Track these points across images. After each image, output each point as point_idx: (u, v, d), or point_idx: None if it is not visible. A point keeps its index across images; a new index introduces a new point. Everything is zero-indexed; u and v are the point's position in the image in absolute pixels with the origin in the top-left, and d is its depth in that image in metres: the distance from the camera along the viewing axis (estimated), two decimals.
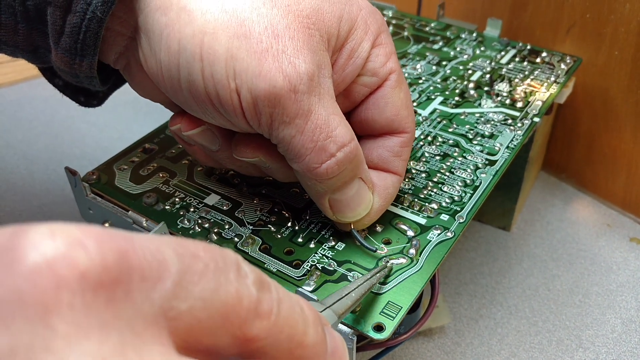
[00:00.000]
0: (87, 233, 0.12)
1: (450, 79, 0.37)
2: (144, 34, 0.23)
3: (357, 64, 0.25)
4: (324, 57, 0.23)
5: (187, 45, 0.21)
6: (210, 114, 0.23)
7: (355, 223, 0.26)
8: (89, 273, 0.11)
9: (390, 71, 0.26)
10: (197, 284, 0.13)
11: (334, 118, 0.23)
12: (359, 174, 0.25)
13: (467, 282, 0.39)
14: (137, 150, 0.32)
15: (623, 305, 0.38)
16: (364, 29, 0.25)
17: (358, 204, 0.25)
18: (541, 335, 0.36)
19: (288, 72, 0.21)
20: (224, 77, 0.21)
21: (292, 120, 0.22)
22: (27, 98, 0.56)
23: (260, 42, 0.21)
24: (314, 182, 0.24)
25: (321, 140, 0.22)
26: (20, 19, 0.23)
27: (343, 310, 0.21)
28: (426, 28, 0.43)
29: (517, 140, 0.32)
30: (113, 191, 0.29)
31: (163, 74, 0.23)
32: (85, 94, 0.29)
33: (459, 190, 0.29)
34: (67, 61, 0.23)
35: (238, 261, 0.14)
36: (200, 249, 0.13)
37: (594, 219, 0.44)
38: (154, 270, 0.12)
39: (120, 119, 0.53)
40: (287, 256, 0.26)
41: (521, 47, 0.41)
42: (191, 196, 0.29)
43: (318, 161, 0.23)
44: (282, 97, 0.21)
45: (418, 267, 0.25)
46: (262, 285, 0.14)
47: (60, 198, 0.44)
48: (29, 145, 0.49)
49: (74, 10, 0.22)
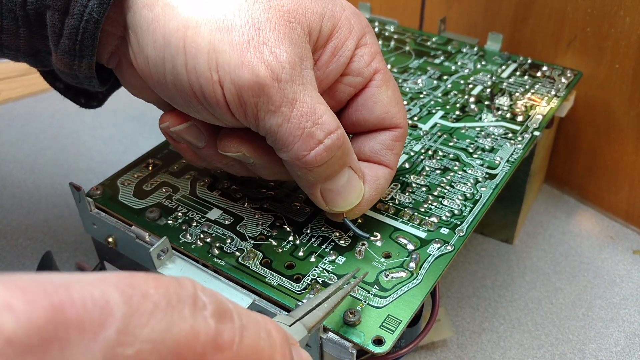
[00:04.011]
0: (15, 291, 0.11)
1: (451, 93, 0.38)
2: (132, 31, 0.23)
3: (340, 62, 0.25)
4: (305, 49, 0.23)
5: (172, 39, 0.22)
6: (196, 108, 0.24)
7: (347, 213, 0.26)
8: (15, 338, 0.10)
9: (375, 71, 0.26)
10: (145, 325, 0.12)
11: (320, 106, 0.23)
12: (348, 162, 0.25)
13: (469, 295, 0.39)
14: (141, 166, 0.32)
15: (626, 318, 0.37)
16: (347, 28, 0.25)
17: (349, 192, 0.25)
18: (544, 349, 0.36)
19: (270, 62, 0.22)
20: (206, 70, 0.22)
21: (278, 109, 0.22)
22: (34, 112, 0.56)
23: (242, 35, 0.22)
24: (304, 172, 0.24)
25: (308, 127, 0.23)
26: (21, 23, 0.24)
27: (314, 322, 0.21)
28: (427, 43, 0.44)
29: (517, 154, 0.32)
30: (117, 206, 0.29)
31: (150, 69, 0.23)
32: (86, 96, 0.29)
33: (459, 203, 0.29)
34: (66, 62, 0.24)
35: (195, 293, 0.14)
36: (151, 285, 0.13)
37: (597, 232, 0.44)
38: (95, 319, 0.11)
39: (126, 133, 0.54)
40: (287, 270, 0.26)
41: (522, 61, 0.41)
42: (193, 211, 0.29)
43: (306, 148, 0.23)
44: (265, 86, 0.22)
45: (418, 281, 0.25)
46: (223, 315, 0.14)
47: (65, 212, 0.44)
48: (35, 159, 0.50)
49: (71, 13, 0.23)
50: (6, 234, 0.42)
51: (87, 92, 0.29)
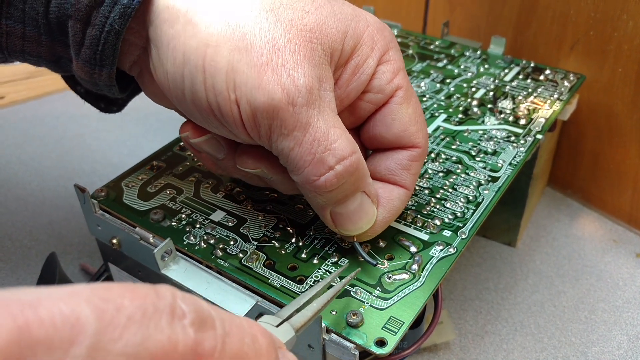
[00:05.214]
0: None
1: (454, 97, 0.38)
2: (153, 45, 0.24)
3: (361, 80, 0.25)
4: (325, 71, 0.23)
5: (191, 56, 0.22)
6: (213, 125, 0.24)
7: (358, 236, 0.26)
8: None
9: (396, 88, 0.26)
10: (118, 339, 0.12)
11: (335, 131, 0.23)
12: (361, 187, 0.25)
13: (472, 298, 0.39)
14: (145, 168, 0.32)
15: (629, 321, 0.37)
16: (370, 46, 0.25)
17: (360, 217, 0.25)
18: (547, 352, 0.36)
19: (286, 85, 0.22)
20: (224, 89, 0.22)
21: (290, 133, 0.22)
22: (39, 115, 0.57)
23: (261, 56, 0.22)
24: (314, 195, 0.24)
25: (319, 153, 0.22)
26: (43, 31, 0.24)
27: (302, 323, 0.20)
28: (431, 46, 0.44)
29: (519, 157, 0.32)
30: (121, 208, 0.29)
31: (169, 84, 0.24)
32: (106, 101, 0.29)
33: (461, 206, 0.29)
34: (87, 71, 0.24)
35: (174, 302, 0.14)
36: (127, 297, 0.13)
37: (600, 235, 0.44)
38: (65, 337, 0.11)
39: (130, 135, 0.54)
40: (290, 272, 0.26)
41: (525, 64, 0.41)
42: (197, 213, 0.29)
43: (317, 173, 0.23)
44: (280, 110, 0.22)
45: (420, 283, 0.25)
46: (203, 323, 0.14)
47: (70, 214, 0.44)
48: (40, 161, 0.50)
49: (93, 23, 0.23)
50: (11, 236, 0.43)
51: (107, 97, 0.29)
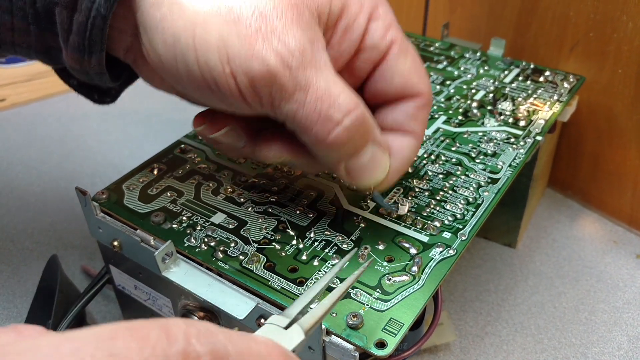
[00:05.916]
0: None
1: (454, 98, 0.38)
2: (142, 30, 0.24)
3: (353, 39, 0.25)
4: (315, 32, 0.23)
5: (181, 37, 0.22)
6: (214, 101, 0.24)
7: (375, 187, 0.26)
8: None
9: (390, 42, 0.26)
10: None
11: (336, 87, 0.23)
12: (370, 138, 0.25)
13: (472, 299, 0.39)
14: (146, 170, 0.32)
15: (629, 322, 0.37)
16: (358, 4, 0.25)
17: (374, 168, 0.25)
18: (547, 353, 0.36)
19: (279, 50, 0.22)
20: (218, 64, 0.22)
21: (292, 96, 0.22)
22: (41, 117, 0.57)
23: (250, 26, 0.22)
24: (326, 152, 0.24)
25: (324, 110, 0.23)
26: (31, 20, 0.24)
27: (311, 324, 0.19)
28: (431, 48, 0.44)
29: (519, 158, 0.32)
30: (122, 210, 0.29)
31: (164, 67, 0.24)
32: (99, 92, 0.30)
33: (461, 208, 0.29)
34: (76, 59, 0.24)
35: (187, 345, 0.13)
36: (134, 347, 0.12)
37: (600, 236, 0.44)
38: None
39: (131, 137, 0.54)
40: (291, 274, 0.26)
41: (525, 66, 0.41)
42: (198, 215, 0.29)
43: (325, 131, 0.23)
44: (277, 75, 0.22)
45: (420, 284, 0.25)
46: None
47: (71, 216, 0.45)
48: (41, 163, 0.50)
49: (79, 9, 0.23)
50: (12, 238, 0.43)
51: (100, 88, 0.29)
